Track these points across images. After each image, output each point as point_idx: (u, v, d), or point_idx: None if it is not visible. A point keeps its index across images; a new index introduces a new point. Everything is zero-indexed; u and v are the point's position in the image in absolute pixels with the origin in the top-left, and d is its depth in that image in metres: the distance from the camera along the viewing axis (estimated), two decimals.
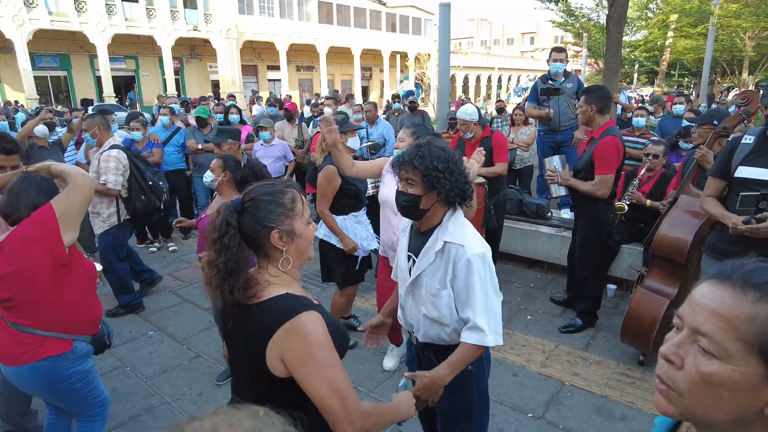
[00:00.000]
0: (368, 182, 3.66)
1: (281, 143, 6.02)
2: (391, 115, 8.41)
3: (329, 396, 1.21)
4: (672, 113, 6.03)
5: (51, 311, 1.98)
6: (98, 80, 23.87)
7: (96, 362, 2.26)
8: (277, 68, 30.18)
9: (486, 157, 4.20)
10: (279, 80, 30.37)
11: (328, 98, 7.92)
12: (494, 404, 2.93)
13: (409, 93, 8.09)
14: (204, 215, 3.12)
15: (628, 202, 4.00)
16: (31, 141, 4.96)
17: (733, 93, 19.03)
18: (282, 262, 1.33)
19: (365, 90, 36.53)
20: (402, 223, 1.98)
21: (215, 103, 9.51)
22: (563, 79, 5.42)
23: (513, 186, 5.78)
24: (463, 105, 4.59)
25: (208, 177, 3.03)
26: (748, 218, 2.35)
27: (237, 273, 1.25)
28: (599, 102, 3.44)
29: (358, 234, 3.43)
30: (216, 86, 27.58)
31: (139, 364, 3.50)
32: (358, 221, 3.49)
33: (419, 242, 1.78)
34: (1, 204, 2.05)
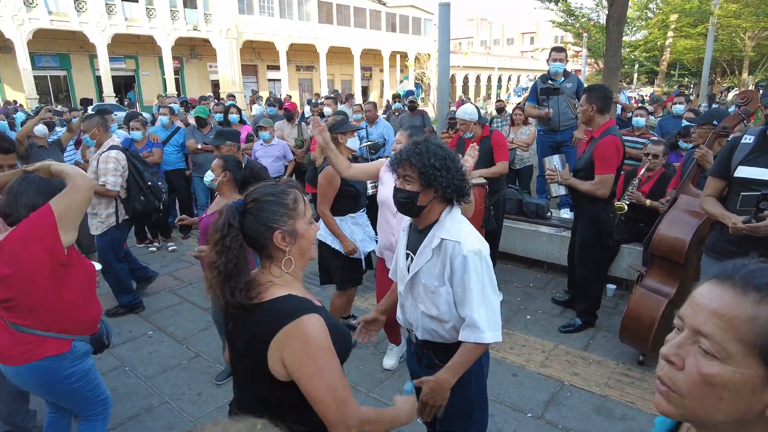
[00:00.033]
0: (368, 182, 3.64)
1: (281, 143, 6.03)
2: (392, 115, 8.42)
3: (327, 401, 1.22)
4: (672, 113, 6.03)
5: (50, 311, 1.98)
6: (98, 80, 23.88)
7: (95, 362, 2.26)
8: (277, 68, 30.19)
9: (486, 157, 4.23)
10: (279, 80, 30.37)
11: (328, 98, 7.93)
12: (494, 404, 2.93)
13: (409, 93, 8.09)
14: (205, 215, 3.12)
15: (628, 202, 4.00)
16: (31, 140, 4.97)
17: (733, 93, 19.04)
18: (285, 263, 1.32)
19: (365, 90, 36.51)
20: (403, 223, 1.99)
21: (215, 103, 9.50)
22: (563, 79, 5.42)
23: (512, 186, 5.78)
24: (463, 105, 4.59)
25: (209, 177, 3.04)
26: (748, 218, 2.35)
27: (238, 275, 1.24)
28: (600, 101, 3.43)
29: (355, 236, 3.41)
30: (216, 86, 27.57)
31: (139, 364, 3.50)
32: (356, 223, 3.46)
33: (417, 240, 1.79)
34: (0, 204, 2.05)
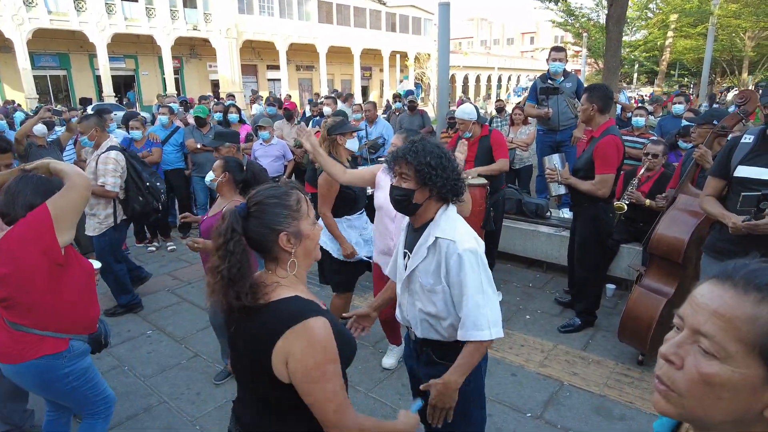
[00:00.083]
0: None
1: (280, 142, 6.03)
2: (392, 115, 8.43)
3: (327, 405, 1.23)
4: (672, 113, 6.03)
5: (48, 311, 1.98)
6: (98, 79, 23.86)
7: (94, 362, 2.25)
8: (277, 68, 30.18)
9: (486, 156, 4.23)
10: (279, 80, 30.35)
11: (328, 98, 7.93)
12: (493, 404, 2.93)
13: (409, 93, 8.09)
14: (206, 217, 3.12)
15: (627, 202, 4.00)
16: (30, 140, 4.97)
17: (733, 93, 19.04)
18: (290, 264, 1.32)
19: (365, 90, 36.51)
20: (402, 223, 1.99)
21: (215, 103, 9.50)
22: (562, 79, 5.42)
23: (512, 186, 5.78)
24: (462, 104, 4.59)
25: (209, 177, 3.05)
26: (748, 218, 2.35)
27: (241, 279, 1.23)
28: (601, 101, 3.42)
29: (350, 239, 3.32)
30: (216, 86, 27.57)
31: (138, 364, 3.50)
32: (351, 225, 3.38)
33: (414, 239, 1.80)
34: None
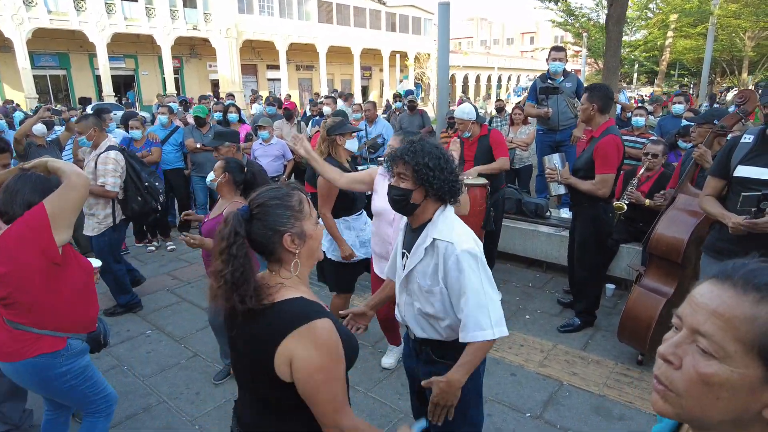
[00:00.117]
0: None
1: (280, 142, 6.02)
2: (392, 115, 8.43)
3: (327, 406, 1.24)
4: (672, 113, 6.03)
5: (47, 310, 1.98)
6: (98, 79, 23.85)
7: (94, 361, 2.25)
8: (277, 68, 30.17)
9: (485, 156, 4.23)
10: (279, 80, 30.35)
11: (328, 97, 7.93)
12: (492, 404, 2.93)
13: (409, 92, 8.09)
14: (207, 219, 3.11)
15: (627, 202, 4.00)
16: (30, 140, 4.97)
17: (732, 93, 19.03)
18: (293, 265, 1.32)
19: (365, 89, 36.50)
20: (400, 223, 1.99)
21: (215, 102, 9.49)
22: (562, 78, 5.42)
23: (512, 185, 5.78)
24: (461, 104, 4.59)
25: (210, 177, 3.06)
26: (748, 218, 2.35)
27: (245, 283, 1.23)
28: (601, 101, 3.41)
29: (346, 241, 3.28)
30: (216, 85, 27.56)
31: (137, 363, 3.49)
32: (349, 227, 3.35)
33: (412, 239, 1.81)
34: None
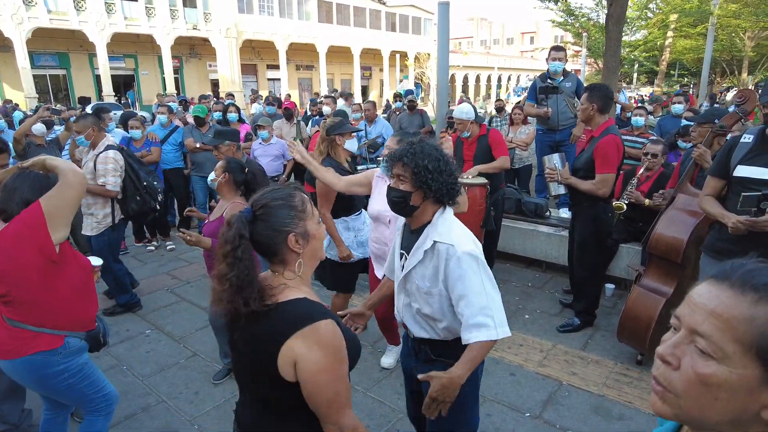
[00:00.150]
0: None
1: (279, 142, 6.01)
2: (392, 114, 8.43)
3: (330, 405, 1.25)
4: (671, 113, 6.03)
5: (44, 308, 1.98)
6: (97, 79, 23.84)
7: (93, 361, 2.24)
8: (277, 67, 30.16)
9: (485, 155, 4.23)
10: (278, 79, 30.34)
11: (327, 97, 7.93)
12: (491, 403, 2.94)
13: (409, 92, 8.09)
14: (207, 221, 3.11)
15: (627, 202, 3.99)
16: (29, 139, 4.97)
17: (732, 93, 19.03)
18: (297, 265, 1.33)
19: (365, 89, 36.49)
20: (398, 223, 1.99)
21: (214, 102, 9.49)
22: (562, 78, 5.41)
23: (511, 185, 5.78)
24: (459, 104, 4.58)
25: (211, 177, 3.07)
26: (748, 218, 2.35)
27: (250, 285, 1.23)
28: (601, 101, 3.41)
29: (344, 241, 3.28)
30: (215, 85, 27.56)
31: (136, 363, 3.49)
32: (348, 227, 3.34)
33: (411, 240, 1.81)
34: None
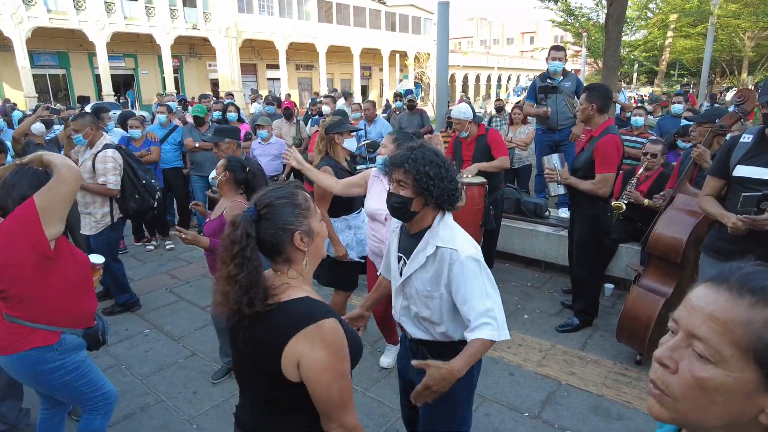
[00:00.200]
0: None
1: (279, 141, 6.01)
2: (392, 114, 8.43)
3: (333, 403, 1.25)
4: (671, 113, 6.03)
5: (39, 303, 1.98)
6: (97, 78, 23.83)
7: (92, 360, 2.23)
8: (277, 67, 30.15)
9: (484, 155, 4.23)
10: (278, 79, 30.32)
11: (327, 96, 7.92)
12: (490, 403, 2.94)
13: (408, 92, 8.09)
14: (208, 219, 3.10)
15: (626, 202, 3.99)
16: (28, 138, 4.97)
17: (732, 93, 19.01)
18: (304, 264, 1.33)
19: (365, 89, 36.48)
20: (392, 224, 1.97)
21: (214, 101, 9.48)
22: (561, 78, 5.41)
23: (511, 185, 5.78)
24: (458, 104, 4.58)
25: (212, 175, 3.07)
26: (748, 215, 2.35)
27: (256, 285, 1.22)
28: (600, 101, 3.41)
29: (342, 240, 3.26)
30: (215, 85, 27.55)
31: (135, 363, 3.49)
32: (349, 225, 3.33)
33: (409, 244, 1.80)
34: None
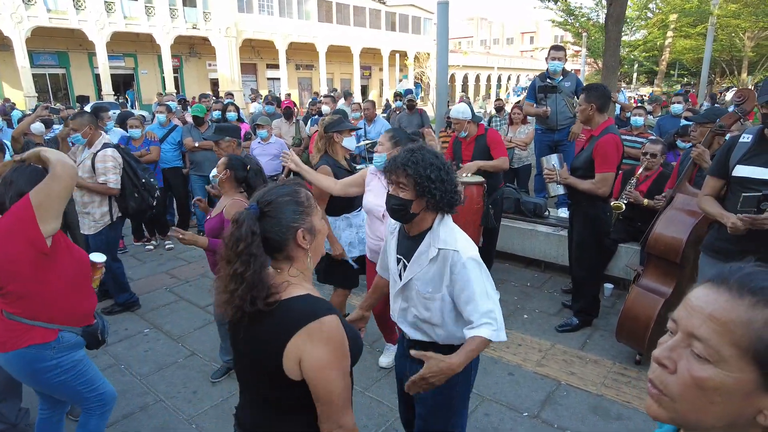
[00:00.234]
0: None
1: (279, 141, 6.01)
2: (392, 114, 8.43)
3: (333, 402, 1.25)
4: (671, 113, 6.04)
5: (36, 301, 1.98)
6: (97, 78, 23.80)
7: (91, 360, 2.23)
8: (277, 67, 30.13)
9: (483, 155, 4.22)
10: (278, 79, 30.31)
11: (327, 96, 7.92)
12: (490, 403, 2.94)
13: (408, 92, 8.08)
14: (209, 217, 3.10)
15: (626, 201, 3.99)
16: (28, 138, 4.96)
17: (731, 93, 19.02)
18: (308, 261, 1.33)
19: (364, 89, 36.47)
20: (389, 225, 1.97)
21: (214, 101, 9.48)
22: (561, 78, 5.41)
23: (510, 185, 5.77)
24: (456, 104, 4.57)
25: (213, 173, 3.08)
26: (748, 215, 2.35)
27: (261, 282, 1.22)
28: (599, 101, 3.42)
29: (344, 238, 3.27)
30: (215, 85, 27.53)
31: (134, 362, 3.49)
32: (350, 224, 3.33)
33: (408, 246, 1.80)
34: None
